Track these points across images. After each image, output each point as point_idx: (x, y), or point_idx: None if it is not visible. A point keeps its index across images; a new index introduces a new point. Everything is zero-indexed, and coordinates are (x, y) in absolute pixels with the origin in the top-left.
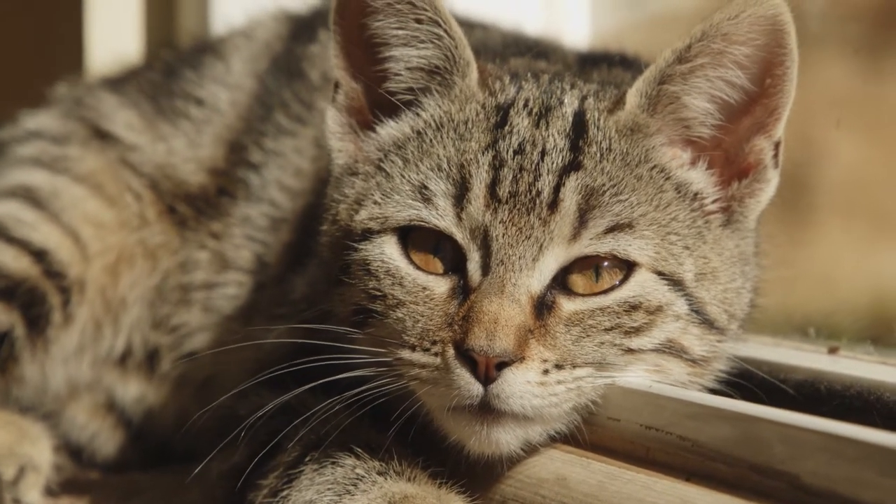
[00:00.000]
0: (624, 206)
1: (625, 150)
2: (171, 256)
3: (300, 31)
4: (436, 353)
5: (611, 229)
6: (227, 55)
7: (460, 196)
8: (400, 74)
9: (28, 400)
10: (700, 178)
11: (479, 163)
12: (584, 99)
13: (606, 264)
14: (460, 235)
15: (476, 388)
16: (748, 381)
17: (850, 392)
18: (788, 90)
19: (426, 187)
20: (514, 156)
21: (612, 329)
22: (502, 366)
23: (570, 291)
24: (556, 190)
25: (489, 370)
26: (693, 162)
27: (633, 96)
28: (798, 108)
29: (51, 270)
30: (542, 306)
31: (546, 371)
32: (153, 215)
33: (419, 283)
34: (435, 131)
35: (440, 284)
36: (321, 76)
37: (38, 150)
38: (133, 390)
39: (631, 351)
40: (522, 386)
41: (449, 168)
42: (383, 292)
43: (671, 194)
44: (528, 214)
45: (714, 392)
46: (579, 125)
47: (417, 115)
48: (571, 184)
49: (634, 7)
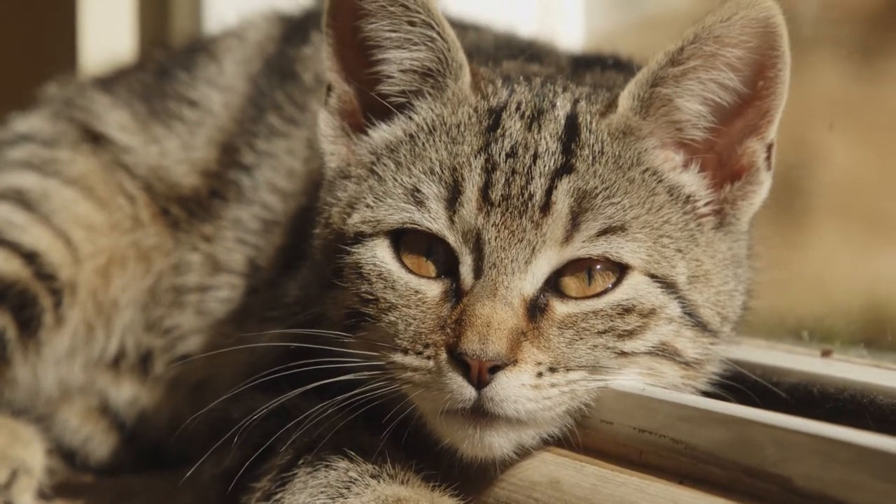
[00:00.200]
0: (616, 209)
1: (617, 152)
2: (164, 258)
3: (293, 32)
4: (428, 357)
5: (603, 232)
6: (220, 56)
7: (453, 199)
8: (392, 77)
9: (20, 403)
10: (692, 181)
11: (471, 166)
12: (576, 102)
13: (599, 267)
14: (453, 238)
15: (469, 392)
16: (741, 384)
17: (844, 395)
18: (781, 92)
19: (418, 190)
20: (506, 159)
21: (606, 332)
22: (495, 369)
23: (563, 294)
24: (549, 193)
25: (482, 374)
26: (685, 164)
27: (626, 99)
28: (792, 111)
29: (42, 272)
30: (535, 309)
31: (540, 374)
32: (147, 217)
33: (411, 287)
34: (427, 135)
35: (432, 288)
36: (314, 78)
37: (28, 153)
38: (126, 393)
39: (624, 354)
40: (517, 389)
41: (441, 171)
42: (375, 296)
43: (663, 197)
44: (521, 217)
45: (707, 395)
46: (571, 128)
47: (410, 118)
48: (564, 187)
49: (628, 9)
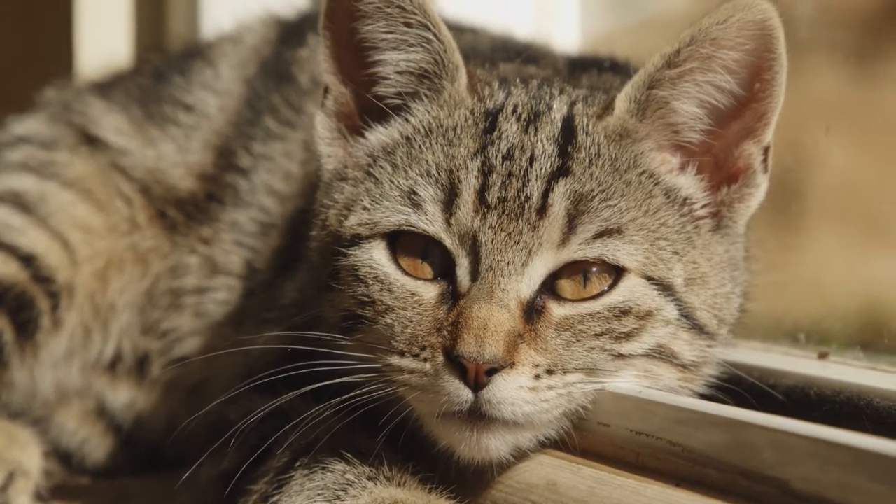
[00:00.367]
0: (613, 211)
1: (614, 155)
2: (161, 261)
3: (289, 35)
4: (425, 359)
5: (600, 234)
6: (216, 60)
7: (449, 201)
8: (389, 78)
9: (17, 405)
10: (689, 183)
11: (467, 168)
12: (573, 104)
13: (595, 270)
14: (449, 241)
15: (466, 395)
16: (738, 387)
17: (840, 397)
18: (777, 95)
19: (415, 193)
20: (502, 161)
21: (603, 334)
22: (492, 372)
23: (559, 297)
24: (545, 195)
25: (479, 376)
26: (682, 167)
27: (622, 101)
28: (788, 114)
29: (39, 275)
30: (531, 311)
31: (537, 376)
32: (144, 220)
33: (408, 289)
34: (424, 137)
35: (429, 290)
36: (310, 80)
37: (25, 155)
38: (123, 396)
39: (621, 356)
40: (514, 392)
41: (438, 174)
42: (372, 298)
43: (660, 199)
44: (517, 220)
45: (704, 397)
46: (568, 130)
47: (406, 120)
48: (560, 189)
49: (624, 11)
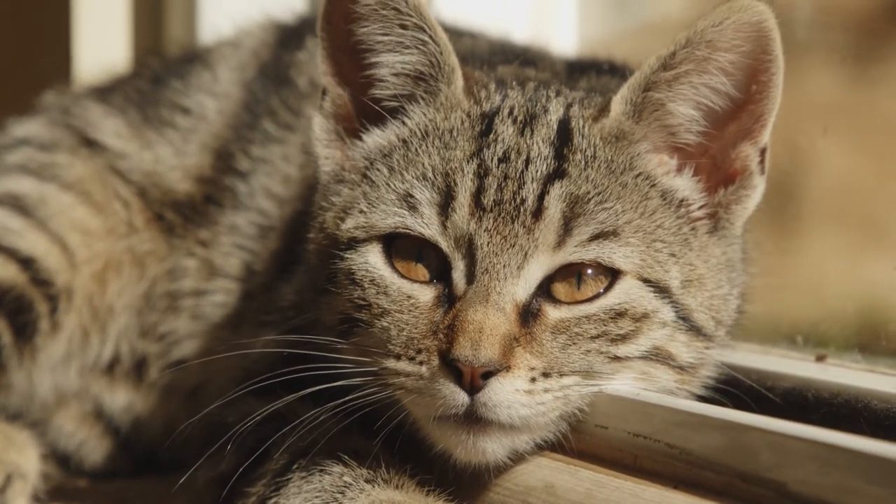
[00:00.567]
0: (609, 213)
1: (610, 157)
2: (158, 264)
3: (287, 38)
4: (421, 362)
5: (595, 237)
6: (214, 64)
7: (445, 204)
8: (385, 80)
9: (15, 408)
10: (686, 185)
11: (463, 171)
12: (569, 107)
13: (590, 272)
14: (445, 244)
15: (461, 398)
16: (736, 389)
17: (838, 400)
18: (774, 96)
19: (411, 196)
20: (498, 164)
21: (599, 337)
22: (488, 375)
23: (555, 300)
24: (541, 198)
25: (475, 380)
26: (679, 169)
27: (618, 104)
28: (785, 116)
29: (38, 278)
30: (527, 314)
31: (533, 379)
32: (141, 222)
33: (404, 292)
34: (420, 140)
35: (425, 293)
36: (309, 83)
37: (25, 157)
38: (121, 399)
39: (618, 359)
40: (510, 395)
41: (434, 177)
42: (368, 301)
43: (656, 201)
44: (513, 223)
45: (702, 399)
46: (564, 133)
47: (403, 123)
48: (556, 192)
49: (622, 16)
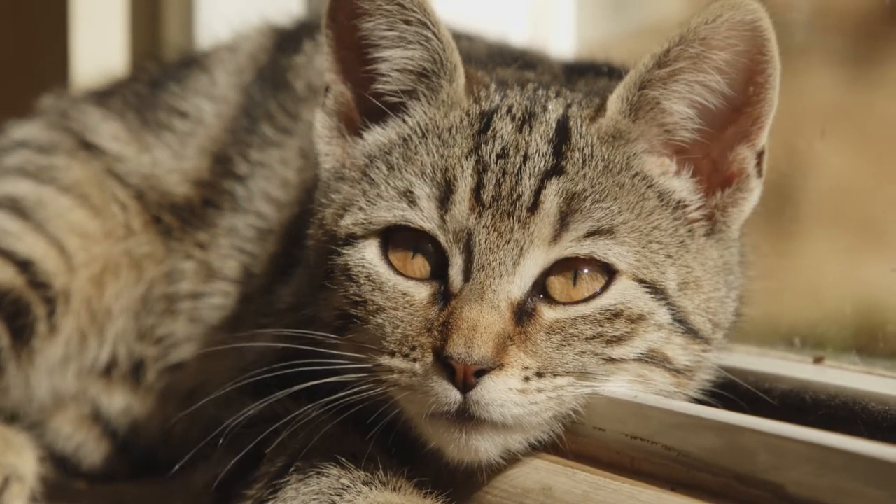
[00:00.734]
0: (605, 212)
1: (607, 156)
2: (156, 267)
3: (285, 42)
4: (414, 359)
5: (591, 234)
6: (212, 68)
7: (445, 199)
8: (387, 76)
9: (12, 410)
10: (683, 187)
11: (462, 167)
12: (568, 106)
13: (586, 271)
14: (444, 238)
15: (454, 395)
16: (732, 394)
17: (836, 402)
18: (771, 99)
19: (411, 192)
20: (497, 160)
21: (594, 338)
22: (481, 373)
23: (551, 299)
24: (537, 193)
25: (468, 377)
26: (677, 170)
27: (615, 102)
28: (783, 118)
29: (36, 281)
30: (522, 313)
31: (527, 378)
32: (139, 225)
33: (399, 289)
34: (420, 138)
35: (420, 290)
36: (306, 87)
37: (23, 159)
38: (118, 402)
39: (613, 360)
40: (503, 394)
41: (433, 173)
42: (364, 298)
43: (653, 202)
44: (509, 218)
45: (700, 402)
46: (562, 131)
47: (404, 120)
48: (553, 187)
49: (620, 18)
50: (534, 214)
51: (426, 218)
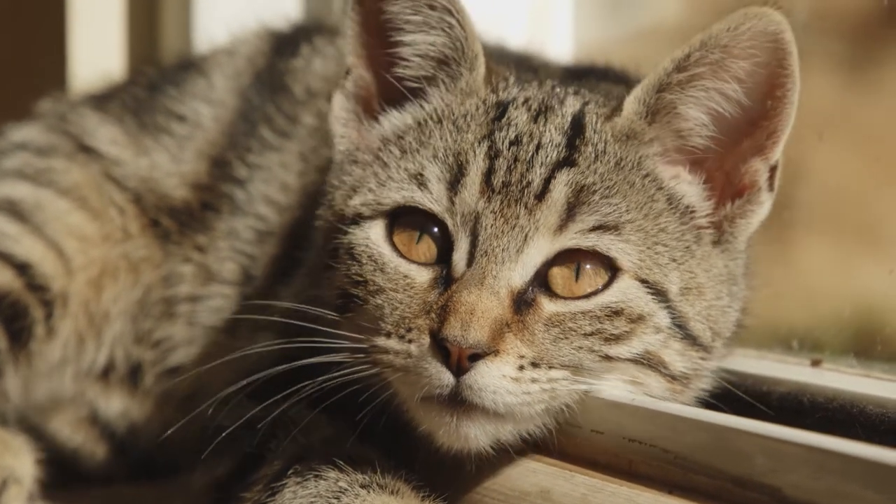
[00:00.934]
0: (613, 208)
1: (619, 154)
2: (153, 270)
3: (282, 46)
4: (410, 341)
5: (596, 228)
6: (210, 72)
7: (455, 182)
8: (409, 60)
9: (10, 412)
10: (693, 193)
11: (475, 151)
12: (585, 104)
13: (589, 266)
14: (451, 221)
15: (447, 378)
16: (730, 395)
17: (833, 405)
18: (789, 114)
19: (422, 174)
20: (509, 147)
21: (592, 334)
22: (476, 357)
23: (552, 293)
24: (547, 182)
25: (461, 360)
26: (688, 176)
27: (631, 103)
28: None
29: (34, 284)
30: (521, 302)
31: (522, 367)
32: (136, 229)
33: (401, 271)
34: (436, 123)
35: (422, 274)
36: (305, 90)
37: (22, 162)
38: (116, 405)
39: (609, 358)
40: (496, 380)
41: (445, 156)
42: (365, 278)
43: (662, 204)
44: (516, 205)
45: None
46: (577, 125)
47: (421, 106)
48: (563, 178)
49: (618, 20)
50: (541, 202)
51: (435, 200)
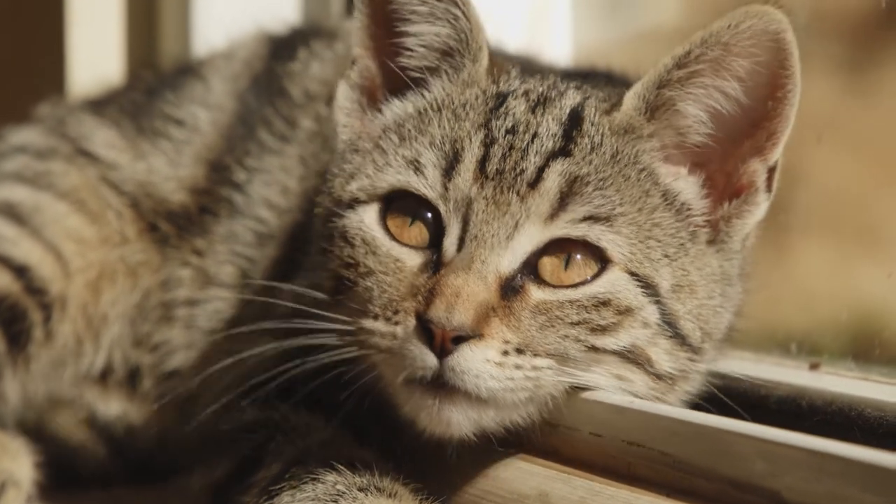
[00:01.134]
0: (606, 200)
1: (616, 148)
2: (151, 275)
3: (280, 49)
4: (396, 323)
5: (588, 218)
6: (208, 76)
7: (450, 168)
8: (413, 50)
9: (9, 415)
10: (690, 191)
11: (471, 139)
12: (585, 98)
13: (579, 256)
14: (444, 208)
15: (430, 360)
16: (728, 397)
17: (832, 408)
18: (788, 115)
19: (418, 160)
20: (505, 135)
21: (579, 324)
22: (460, 340)
23: (540, 280)
24: (541, 170)
25: (445, 342)
26: (686, 174)
27: (631, 99)
28: None
29: (32, 286)
30: (509, 288)
31: (506, 352)
32: (133, 233)
33: (392, 255)
34: (435, 112)
35: (413, 258)
36: (303, 93)
37: (21, 165)
38: (114, 407)
39: (595, 349)
40: (480, 364)
41: (442, 143)
42: (356, 260)
43: (657, 200)
44: (509, 192)
45: (696, 407)
46: (575, 118)
47: (423, 95)
48: (557, 167)
49: (616, 22)
50: (533, 190)
51: (429, 186)
